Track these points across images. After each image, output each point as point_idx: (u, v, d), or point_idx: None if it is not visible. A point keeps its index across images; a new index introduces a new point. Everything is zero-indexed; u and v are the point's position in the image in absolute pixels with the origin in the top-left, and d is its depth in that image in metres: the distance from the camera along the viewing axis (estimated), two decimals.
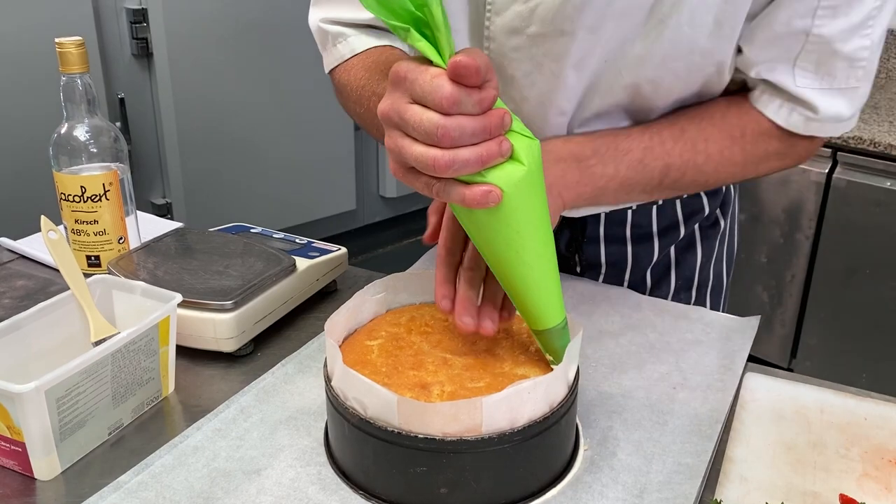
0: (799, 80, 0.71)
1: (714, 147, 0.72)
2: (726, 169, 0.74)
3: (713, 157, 0.73)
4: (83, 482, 0.59)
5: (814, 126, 0.73)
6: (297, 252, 0.85)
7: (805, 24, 0.68)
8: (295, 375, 0.71)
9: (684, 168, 0.72)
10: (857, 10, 0.67)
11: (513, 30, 0.71)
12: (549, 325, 0.58)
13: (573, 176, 0.69)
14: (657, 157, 0.71)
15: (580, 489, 0.57)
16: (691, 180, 0.74)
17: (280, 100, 2.50)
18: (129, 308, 0.71)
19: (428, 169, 0.50)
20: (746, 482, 0.58)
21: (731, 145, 0.73)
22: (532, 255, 0.55)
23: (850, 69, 0.70)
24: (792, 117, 0.73)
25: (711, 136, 0.72)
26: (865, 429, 0.64)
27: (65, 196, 0.86)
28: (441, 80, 0.49)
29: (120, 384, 0.64)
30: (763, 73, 0.72)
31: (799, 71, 0.70)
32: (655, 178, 0.71)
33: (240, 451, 0.61)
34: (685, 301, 0.91)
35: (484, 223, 0.54)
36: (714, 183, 0.76)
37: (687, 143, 0.72)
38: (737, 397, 0.69)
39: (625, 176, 0.70)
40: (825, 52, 0.69)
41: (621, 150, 0.70)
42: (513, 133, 0.52)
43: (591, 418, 0.65)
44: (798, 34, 0.68)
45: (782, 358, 2.13)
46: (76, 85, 0.84)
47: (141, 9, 2.19)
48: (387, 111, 0.52)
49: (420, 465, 0.54)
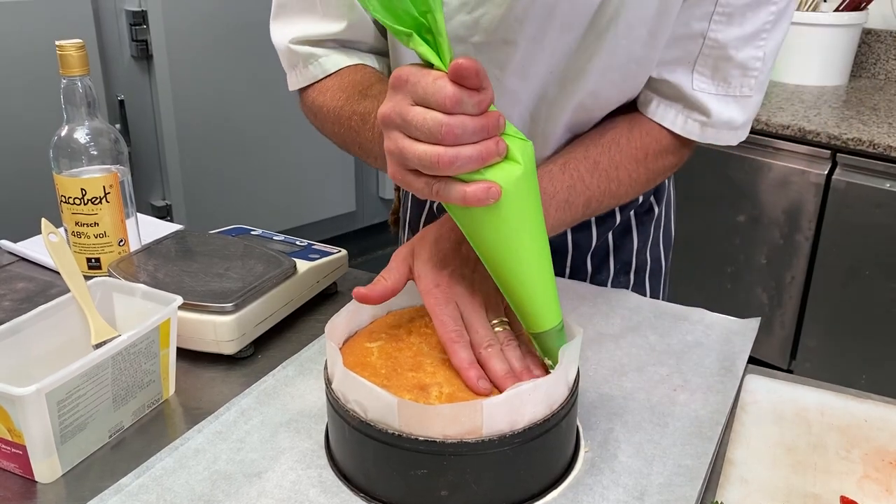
0: (696, 83, 0.74)
1: (624, 173, 0.75)
2: (634, 189, 0.78)
3: (624, 182, 0.76)
4: (84, 485, 0.59)
5: (709, 132, 0.76)
6: (298, 254, 0.85)
7: (702, 27, 0.71)
8: (295, 378, 0.71)
9: (602, 198, 0.75)
10: (750, 21, 0.71)
11: (457, 38, 0.73)
12: (547, 327, 0.58)
13: None
14: (579, 193, 0.73)
15: (581, 491, 0.57)
16: (607, 206, 0.77)
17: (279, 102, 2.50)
18: (129, 310, 0.71)
19: (431, 167, 0.51)
20: (747, 484, 0.58)
21: (636, 167, 0.76)
22: (530, 254, 0.56)
23: (743, 77, 0.73)
24: (688, 125, 0.76)
25: (621, 163, 0.75)
26: (866, 430, 0.64)
27: (65, 198, 0.86)
28: (443, 81, 0.51)
29: (120, 387, 0.64)
30: (664, 73, 0.75)
31: (697, 75, 0.74)
32: (579, 212, 0.73)
33: (240, 453, 0.61)
34: (623, 285, 0.95)
35: (484, 223, 0.54)
36: (623, 202, 0.79)
37: (602, 175, 0.74)
38: (737, 399, 0.69)
39: (555, 217, 0.71)
40: (721, 58, 0.73)
41: (548, 193, 0.70)
42: (507, 135, 0.54)
43: (591, 420, 0.65)
44: (696, 37, 0.72)
45: (782, 359, 2.13)
46: (76, 87, 0.84)
47: (140, 11, 2.19)
48: (388, 113, 0.53)
49: (420, 468, 0.54)
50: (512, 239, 0.55)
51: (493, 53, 0.73)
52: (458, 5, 0.71)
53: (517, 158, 0.53)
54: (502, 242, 0.55)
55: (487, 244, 0.56)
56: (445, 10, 0.71)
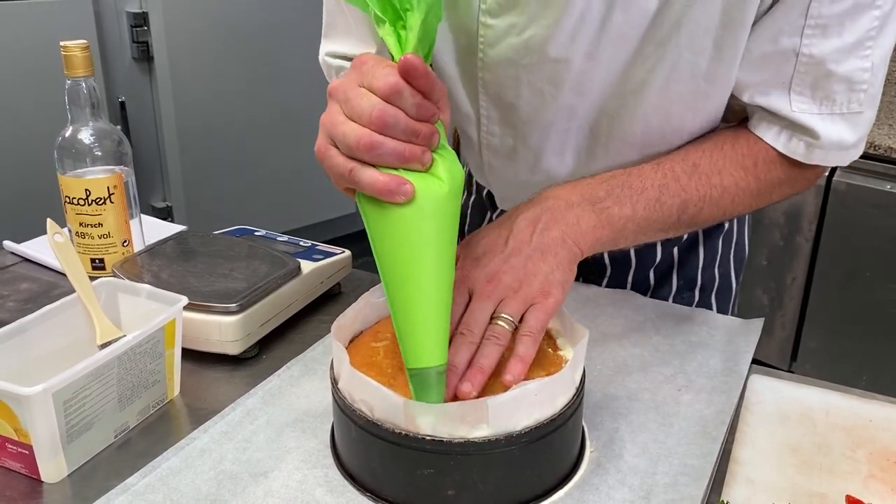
0: (795, 105, 0.68)
1: (729, 179, 0.70)
2: (742, 200, 0.72)
3: (729, 189, 0.70)
4: (90, 485, 0.59)
5: (817, 154, 0.70)
6: (302, 255, 0.85)
7: (793, 43, 0.66)
8: (300, 378, 0.71)
9: (701, 203, 0.70)
10: (850, 31, 0.64)
11: (509, 62, 0.72)
12: (424, 364, 0.54)
13: (589, 220, 0.65)
14: (673, 193, 0.68)
15: (587, 491, 0.57)
16: (709, 215, 0.71)
17: (280, 103, 2.50)
18: (134, 311, 0.71)
19: (352, 146, 0.52)
20: (752, 483, 0.58)
21: (745, 176, 0.71)
22: (428, 279, 0.53)
23: (850, 92, 0.67)
24: (792, 143, 0.70)
25: (724, 169, 0.70)
26: (871, 430, 0.64)
27: (69, 199, 0.86)
28: (391, 70, 0.52)
29: (126, 387, 0.64)
30: (757, 98, 0.70)
31: (795, 95, 0.68)
32: (673, 215, 0.69)
33: (246, 453, 0.61)
34: (687, 302, 0.91)
35: (393, 228, 0.53)
36: (731, 214, 0.74)
37: (701, 178, 0.69)
38: (742, 399, 0.69)
39: (642, 216, 0.67)
40: (820, 75, 0.66)
41: (636, 189, 0.67)
42: (440, 154, 0.54)
43: (596, 420, 0.65)
44: (787, 54, 0.66)
45: (782, 360, 2.13)
46: (81, 88, 0.84)
47: (142, 12, 2.19)
48: (336, 87, 0.55)
49: (427, 467, 0.54)
50: (416, 256, 0.53)
51: (546, 73, 0.71)
52: (505, 28, 0.70)
53: (442, 177, 0.53)
54: (405, 255, 0.53)
55: (387, 252, 0.54)
56: (494, 34, 0.71)
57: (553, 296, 0.59)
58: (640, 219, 0.67)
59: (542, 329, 0.58)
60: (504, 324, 0.58)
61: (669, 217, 0.69)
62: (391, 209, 0.53)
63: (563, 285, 0.61)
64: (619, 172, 0.69)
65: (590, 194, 0.67)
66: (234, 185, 2.50)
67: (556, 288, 0.60)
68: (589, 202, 0.66)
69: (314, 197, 2.70)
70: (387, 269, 0.54)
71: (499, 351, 0.57)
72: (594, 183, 0.68)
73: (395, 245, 0.54)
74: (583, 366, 0.59)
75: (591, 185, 0.68)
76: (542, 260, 0.61)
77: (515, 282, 0.60)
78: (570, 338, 0.63)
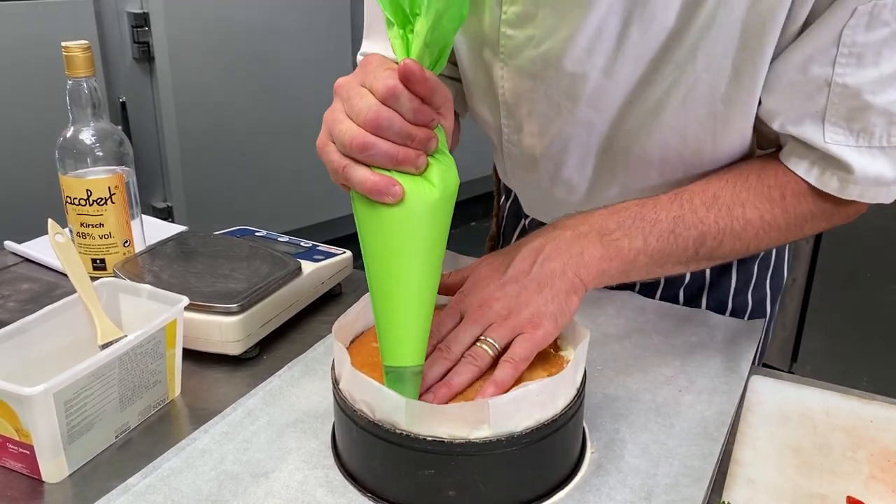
0: (829, 136, 0.64)
1: (753, 212, 0.67)
2: (768, 234, 0.68)
3: (752, 222, 0.67)
4: (91, 485, 0.59)
5: (852, 190, 0.66)
6: (302, 255, 0.86)
7: (824, 72, 0.62)
8: (301, 378, 0.71)
9: (720, 236, 0.66)
10: (889, 60, 0.60)
11: (527, 73, 0.72)
12: (402, 363, 0.55)
13: (594, 251, 0.63)
14: (690, 225, 0.66)
15: (588, 492, 0.57)
16: (730, 249, 0.68)
17: (280, 103, 2.50)
18: (135, 311, 0.71)
19: (346, 144, 0.53)
20: (753, 484, 0.58)
21: (771, 208, 0.67)
22: (411, 280, 0.54)
23: (890, 125, 0.63)
24: (825, 178, 0.66)
25: (748, 201, 0.67)
26: (871, 431, 0.64)
27: (70, 199, 0.86)
28: (391, 73, 0.52)
29: (127, 387, 0.64)
30: (788, 127, 0.66)
31: (829, 125, 0.64)
32: (690, 248, 0.66)
33: (247, 453, 0.61)
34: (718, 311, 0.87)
35: (381, 226, 0.54)
36: (756, 249, 0.70)
37: (721, 210, 0.66)
38: (742, 400, 0.69)
39: (655, 248, 0.65)
40: (856, 106, 0.63)
41: (648, 220, 0.65)
42: (439, 161, 0.55)
43: (597, 421, 0.65)
44: (818, 83, 0.63)
45: (783, 361, 2.13)
46: (82, 89, 0.84)
47: (142, 13, 2.19)
48: (340, 85, 0.56)
49: (428, 468, 0.54)
50: (399, 255, 0.54)
51: (563, 86, 0.71)
52: (524, 40, 0.70)
53: (434, 182, 0.54)
54: (389, 255, 0.54)
55: (374, 250, 0.54)
56: (513, 44, 0.71)
57: (543, 327, 0.58)
58: (653, 251, 0.65)
59: (525, 358, 0.57)
60: (487, 347, 0.58)
61: (686, 250, 0.66)
62: (380, 208, 0.53)
63: (555, 318, 0.59)
64: (632, 203, 0.67)
65: (599, 225, 0.65)
66: (235, 185, 2.50)
67: (548, 320, 0.59)
68: (597, 233, 0.64)
69: (315, 197, 2.70)
70: (372, 266, 0.55)
71: (473, 372, 0.57)
72: (605, 214, 0.66)
73: (381, 243, 0.54)
74: (584, 366, 0.59)
75: (602, 215, 0.66)
76: (538, 291, 0.60)
77: (505, 309, 0.60)
78: (571, 338, 0.63)
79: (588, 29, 0.66)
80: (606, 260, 0.63)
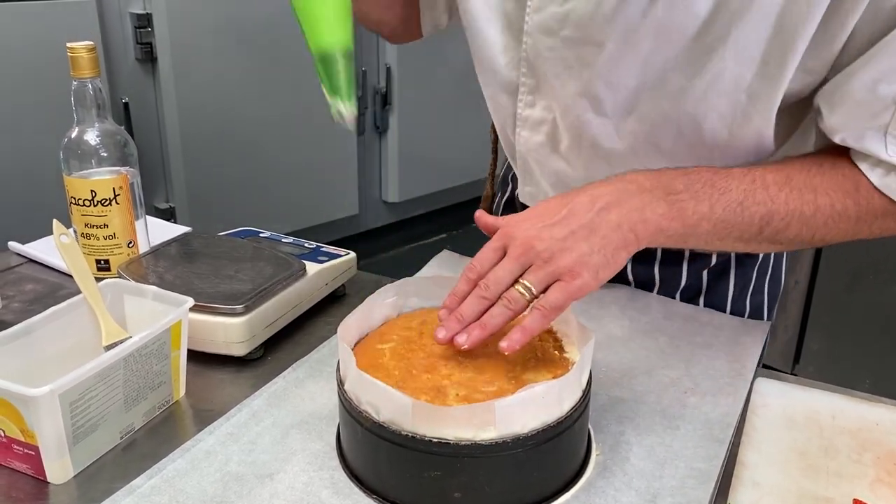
0: (891, 149, 0.64)
1: (824, 199, 0.65)
2: (837, 224, 0.66)
3: (823, 209, 0.65)
4: (96, 486, 0.59)
5: None
6: (307, 256, 0.86)
7: (892, 90, 0.62)
8: (306, 380, 0.71)
9: (789, 218, 0.65)
10: None
11: (548, 29, 0.72)
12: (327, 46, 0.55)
13: (657, 208, 0.62)
14: (759, 201, 0.64)
15: (593, 494, 0.57)
16: (796, 233, 0.66)
17: (283, 105, 2.50)
18: (140, 312, 0.71)
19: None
20: (759, 487, 0.58)
21: (843, 198, 0.65)
22: None
23: None
24: (888, 178, 0.65)
25: (821, 186, 0.65)
26: (877, 434, 0.64)
27: (75, 200, 0.86)
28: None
29: (132, 388, 0.64)
30: (850, 141, 0.65)
31: (891, 139, 0.63)
32: (755, 224, 0.64)
33: (252, 455, 0.61)
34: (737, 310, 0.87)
35: None
36: (821, 239, 0.67)
37: (794, 191, 0.65)
38: (748, 402, 0.69)
39: (720, 217, 0.63)
40: None
41: (718, 188, 0.64)
42: None
43: (602, 423, 0.65)
44: (885, 101, 0.62)
45: (785, 363, 2.13)
46: (87, 89, 0.84)
47: (145, 14, 2.19)
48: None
49: (434, 470, 0.54)
50: None
51: (580, 51, 0.71)
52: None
53: None
54: None
55: None
56: None
57: (581, 277, 0.58)
58: (718, 219, 0.63)
59: (558, 307, 0.57)
60: (523, 291, 0.58)
61: (751, 226, 0.65)
62: None
63: (597, 270, 0.58)
64: (705, 169, 0.66)
65: (667, 184, 0.63)
66: (238, 186, 2.50)
67: (588, 271, 0.58)
68: (664, 190, 0.63)
69: (319, 198, 2.69)
70: None
71: (507, 315, 0.58)
72: (676, 174, 0.65)
73: None
74: (589, 368, 0.59)
75: (672, 175, 0.65)
76: (586, 239, 0.59)
77: (547, 252, 0.59)
78: (576, 340, 0.63)
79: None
80: (668, 219, 0.62)
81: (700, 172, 0.65)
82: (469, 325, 0.58)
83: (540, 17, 0.72)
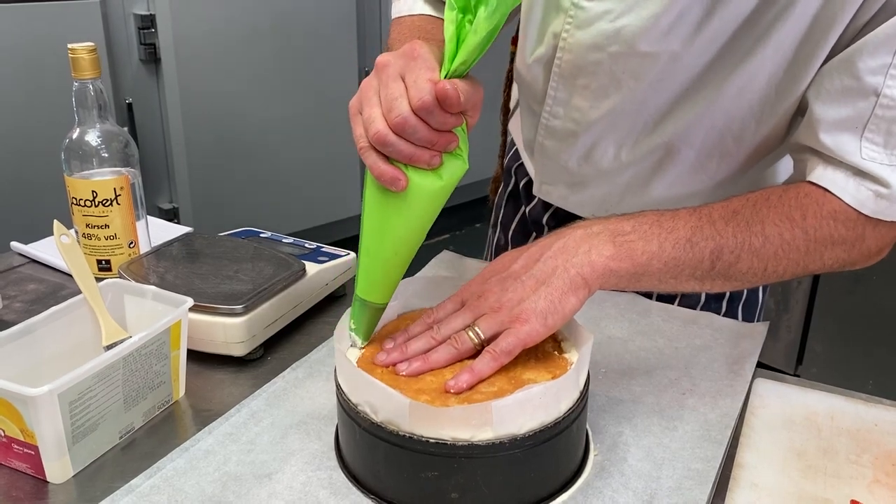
0: (865, 152, 0.64)
1: (772, 229, 0.65)
2: (787, 255, 0.66)
3: (771, 239, 0.65)
4: (95, 485, 0.60)
5: (883, 205, 0.65)
6: (307, 256, 0.86)
7: (875, 81, 0.62)
8: (305, 380, 0.71)
9: (739, 250, 0.64)
10: None
11: (594, 46, 0.72)
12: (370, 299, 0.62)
13: (604, 250, 0.62)
14: (707, 236, 0.64)
15: (591, 494, 0.57)
16: (748, 267, 0.65)
17: (285, 105, 2.51)
18: (140, 312, 0.71)
19: (368, 131, 0.56)
20: (757, 488, 0.58)
21: (791, 227, 0.65)
22: (395, 240, 0.60)
23: None
24: (860, 192, 0.65)
25: (768, 218, 0.65)
26: (876, 435, 0.64)
27: (76, 200, 0.86)
28: (430, 87, 0.54)
29: (131, 388, 0.64)
30: (825, 138, 0.66)
31: (866, 142, 0.64)
32: (706, 259, 0.64)
33: (251, 455, 0.61)
34: (715, 311, 0.88)
35: (384, 202, 0.59)
36: (773, 271, 0.67)
37: (741, 224, 0.65)
38: (746, 403, 0.69)
39: (670, 255, 0.63)
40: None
41: (665, 227, 0.64)
42: (453, 154, 0.58)
43: (600, 424, 0.65)
44: (867, 93, 0.63)
45: (788, 364, 2.13)
46: (88, 90, 0.85)
47: (149, 14, 2.20)
48: (383, 65, 0.58)
49: (431, 470, 0.54)
50: (393, 227, 0.59)
51: (629, 65, 0.71)
52: (600, 13, 0.70)
53: (442, 175, 0.58)
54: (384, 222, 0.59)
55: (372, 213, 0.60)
56: (585, 16, 0.71)
57: (529, 323, 0.58)
58: (668, 258, 0.63)
59: (506, 352, 0.58)
60: (472, 335, 0.60)
61: (702, 261, 0.64)
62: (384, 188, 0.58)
63: (545, 316, 0.59)
64: (651, 212, 0.66)
65: (614, 227, 0.64)
66: (240, 186, 2.51)
67: (536, 317, 0.58)
68: (610, 233, 0.63)
69: (320, 199, 2.70)
70: (366, 222, 0.60)
71: (451, 353, 0.60)
72: (622, 218, 0.65)
73: (378, 212, 0.59)
74: (587, 369, 0.59)
75: (619, 219, 0.65)
76: (534, 288, 0.60)
77: (497, 303, 0.61)
78: (574, 341, 0.63)
79: (673, 10, 0.66)
80: (616, 259, 0.62)
81: (646, 215, 0.65)
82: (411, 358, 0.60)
83: (585, 34, 0.72)
